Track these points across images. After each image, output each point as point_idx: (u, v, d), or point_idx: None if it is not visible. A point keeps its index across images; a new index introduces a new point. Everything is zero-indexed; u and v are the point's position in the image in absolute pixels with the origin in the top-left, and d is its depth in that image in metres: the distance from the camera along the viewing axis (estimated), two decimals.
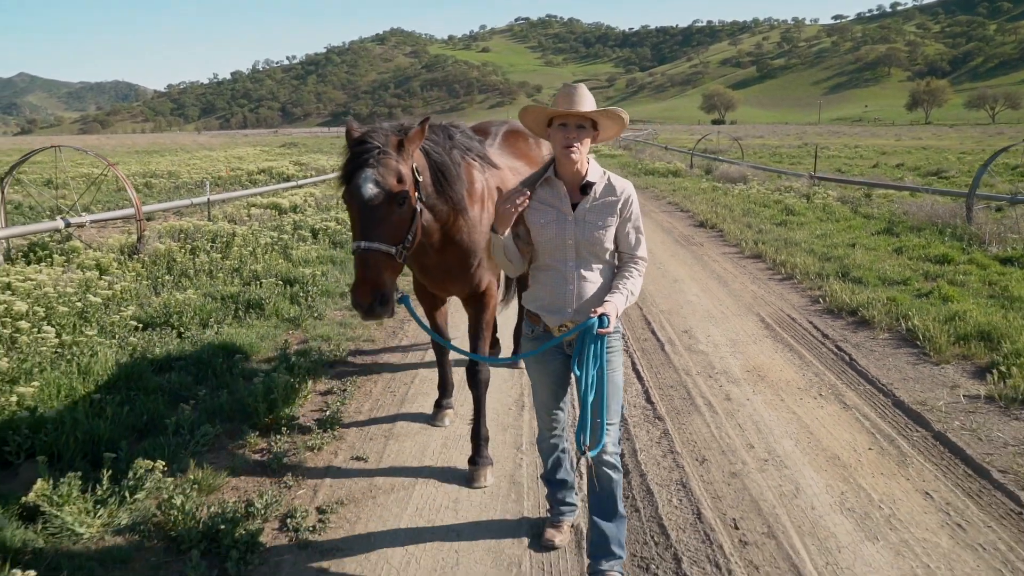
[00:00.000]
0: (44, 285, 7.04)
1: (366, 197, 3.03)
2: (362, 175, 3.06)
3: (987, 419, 4.82)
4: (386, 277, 3.06)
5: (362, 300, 3.01)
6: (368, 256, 3.03)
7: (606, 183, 2.99)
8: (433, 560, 3.36)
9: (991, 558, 3.33)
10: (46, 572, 3.12)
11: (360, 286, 3.02)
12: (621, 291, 2.91)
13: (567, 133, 2.86)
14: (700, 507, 3.79)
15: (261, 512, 3.69)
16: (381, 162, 3.09)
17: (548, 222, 2.95)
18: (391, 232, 3.10)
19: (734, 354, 6.23)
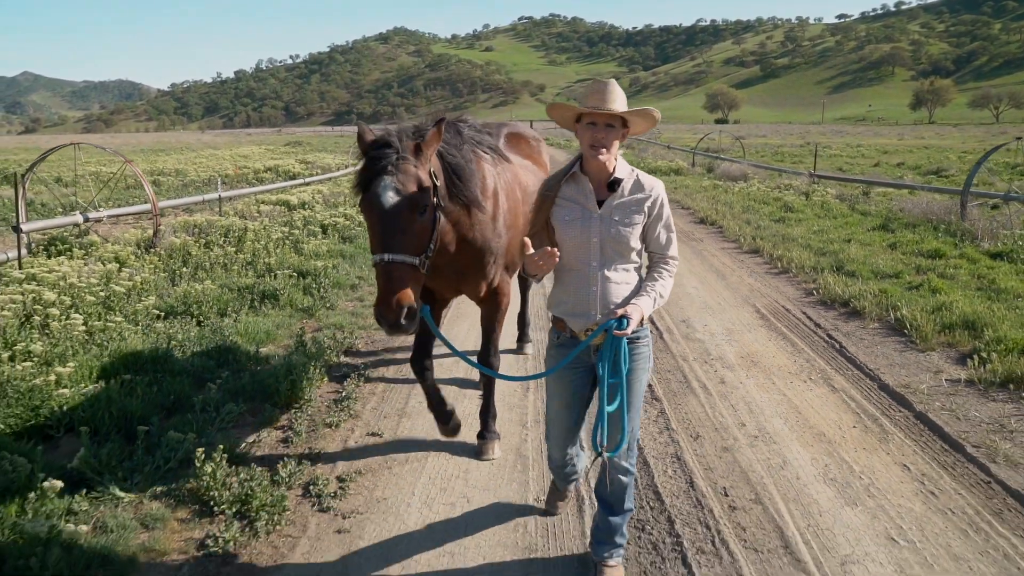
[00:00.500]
0: (69, 276, 7.35)
1: (387, 206, 2.92)
2: (381, 183, 2.95)
3: (966, 400, 5.10)
4: (411, 290, 2.94)
5: (389, 316, 2.88)
6: (392, 269, 2.91)
7: (635, 180, 2.90)
8: (445, 522, 3.65)
9: (959, 520, 3.62)
10: (93, 531, 3.42)
11: (385, 301, 2.88)
12: (649, 293, 2.83)
13: (595, 132, 2.76)
14: (693, 477, 4.08)
15: (285, 480, 3.98)
16: (400, 168, 2.98)
17: (573, 219, 2.86)
18: (414, 242, 3.00)
19: (729, 342, 6.52)
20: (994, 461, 4.20)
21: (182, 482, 3.94)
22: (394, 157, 3.00)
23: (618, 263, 2.86)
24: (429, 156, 3.17)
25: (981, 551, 3.37)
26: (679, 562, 3.31)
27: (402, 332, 2.93)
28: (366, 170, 3.04)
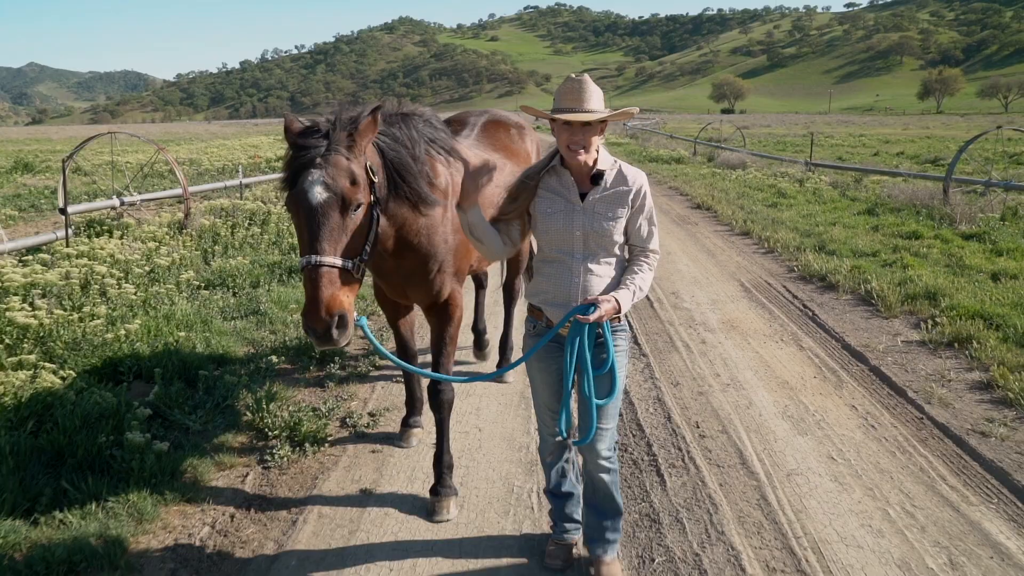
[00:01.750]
0: (115, 253, 8.10)
1: (315, 203, 2.63)
2: (308, 177, 2.66)
3: (916, 357, 5.81)
4: (343, 296, 2.66)
5: (316, 325, 2.60)
6: (321, 273, 2.62)
7: (617, 172, 2.83)
8: (462, 443, 4.38)
9: (889, 445, 4.33)
10: (172, 448, 4.16)
11: (313, 309, 2.60)
12: (628, 286, 2.77)
13: (572, 134, 2.68)
14: (671, 414, 4.81)
15: (325, 414, 4.72)
16: (330, 161, 2.70)
17: (555, 212, 2.81)
18: (346, 243, 2.71)
19: (713, 310, 7.22)
20: (929, 403, 4.91)
21: (239, 416, 4.68)
22: (323, 148, 2.72)
23: (601, 256, 2.82)
24: (364, 147, 2.86)
25: (903, 466, 4.08)
26: (654, 473, 4.04)
27: (333, 343, 2.63)
28: (292, 163, 2.75)
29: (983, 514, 3.61)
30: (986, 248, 9.20)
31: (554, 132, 2.76)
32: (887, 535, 3.43)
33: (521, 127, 5.20)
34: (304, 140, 2.76)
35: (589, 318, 2.63)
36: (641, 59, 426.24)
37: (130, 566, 3.21)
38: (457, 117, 5.12)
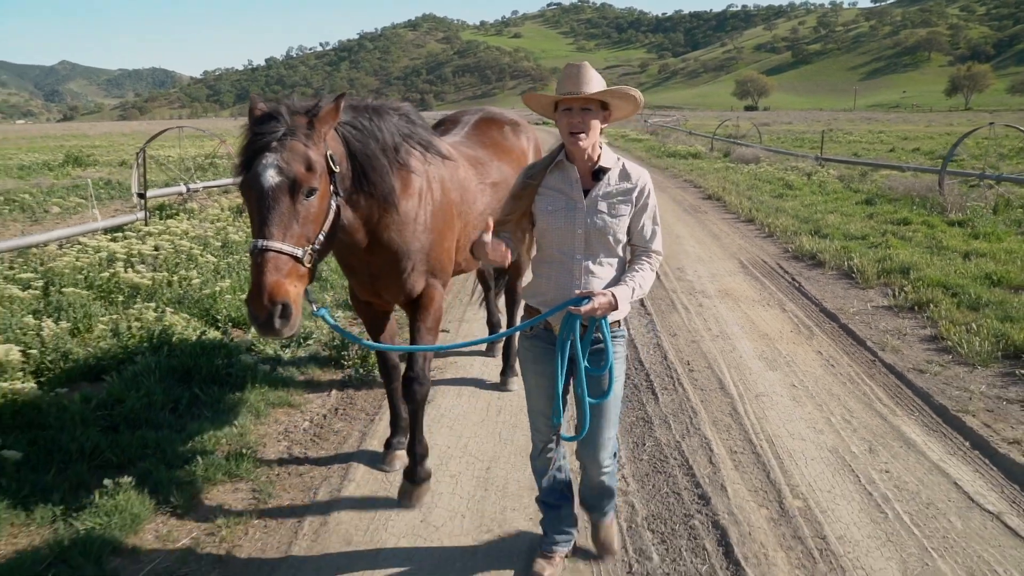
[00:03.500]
0: (189, 231, 9.34)
1: (266, 186, 2.58)
2: (262, 160, 2.61)
3: (881, 318, 6.83)
4: (288, 285, 2.56)
5: (257, 313, 2.52)
6: (267, 259, 2.53)
7: (620, 170, 2.78)
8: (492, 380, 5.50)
9: (842, 378, 5.38)
10: (270, 369, 5.33)
11: (255, 296, 2.52)
12: (627, 283, 2.67)
13: (571, 118, 2.63)
14: (667, 355, 5.89)
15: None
16: (286, 145, 2.65)
17: (556, 209, 2.74)
18: (297, 230, 2.63)
19: (712, 281, 8.27)
20: (883, 350, 5.93)
21: (318, 352, 5.84)
22: (280, 132, 2.67)
23: (603, 255, 2.75)
24: (324, 134, 2.82)
25: (850, 392, 5.13)
26: (650, 393, 5.13)
27: (275, 333, 2.54)
28: (248, 146, 2.70)
29: (903, 421, 4.65)
30: (966, 232, 10.14)
31: (558, 124, 2.71)
32: (826, 433, 4.49)
33: (516, 124, 5.10)
34: (261, 125, 2.71)
35: (581, 309, 2.55)
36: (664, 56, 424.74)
37: (256, 443, 4.37)
38: (452, 116, 5.12)
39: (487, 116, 5.05)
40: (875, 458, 4.17)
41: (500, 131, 4.91)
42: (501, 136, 4.87)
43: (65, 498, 3.64)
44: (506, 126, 4.99)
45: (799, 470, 4.04)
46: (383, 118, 3.29)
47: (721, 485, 3.88)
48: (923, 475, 3.98)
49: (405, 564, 3.23)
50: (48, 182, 21.01)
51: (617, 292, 2.61)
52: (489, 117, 5.04)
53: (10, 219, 14.16)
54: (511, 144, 4.87)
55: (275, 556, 3.30)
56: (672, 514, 3.63)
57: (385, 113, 3.34)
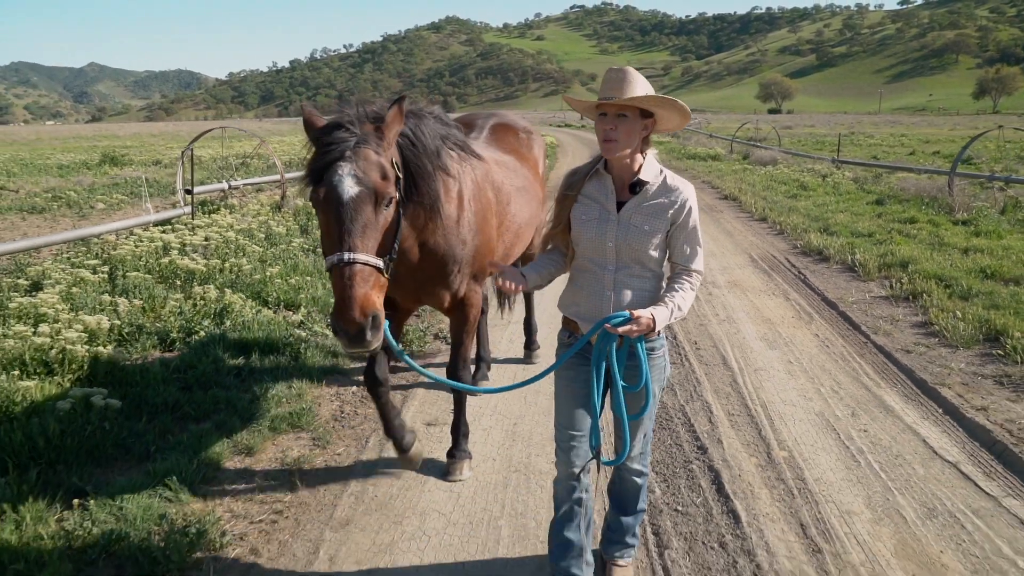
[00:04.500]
0: (233, 224, 10.06)
1: (346, 198, 2.56)
2: (339, 171, 2.59)
3: (877, 306, 7.34)
4: (376, 296, 2.58)
5: (349, 327, 2.50)
6: (355, 271, 2.52)
7: (661, 183, 2.67)
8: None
9: (835, 356, 5.92)
10: (320, 343, 5.98)
11: (347, 309, 2.50)
12: (667, 303, 2.58)
13: (605, 124, 2.55)
14: (676, 335, 6.46)
15: (423, 331, 6.49)
16: (360, 155, 2.64)
17: (590, 219, 2.68)
18: (377, 240, 2.63)
19: (722, 274, 8.82)
20: (875, 333, 6.46)
21: None
22: (352, 142, 2.66)
23: (636, 270, 2.66)
24: (392, 140, 2.83)
25: (840, 368, 5.67)
26: None
27: (366, 345, 2.53)
28: (319, 158, 2.68)
29: (886, 392, 5.19)
30: (969, 231, 10.59)
31: (596, 131, 2.65)
32: (814, 400, 5.05)
33: (529, 132, 5.13)
34: (330, 135, 2.70)
35: (618, 329, 2.48)
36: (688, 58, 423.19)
37: (312, 402, 5.02)
38: (463, 119, 5.06)
39: (502, 122, 5.07)
40: (856, 420, 4.72)
41: (516, 138, 4.96)
42: (518, 143, 4.93)
43: (155, 440, 4.30)
44: (520, 133, 5.05)
45: (787, 429, 4.60)
46: (424, 122, 3.27)
47: (718, 439, 4.46)
48: (896, 434, 4.53)
49: (446, 492, 3.85)
50: (88, 180, 21.97)
51: (656, 313, 2.53)
52: (504, 123, 5.06)
53: (59, 214, 15.05)
54: (526, 152, 4.92)
55: (336, 486, 3.93)
56: (674, 460, 4.22)
57: (424, 117, 3.32)
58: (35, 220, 14.25)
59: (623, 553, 3.07)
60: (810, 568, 3.21)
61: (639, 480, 2.97)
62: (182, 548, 3.17)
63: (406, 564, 3.26)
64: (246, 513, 3.65)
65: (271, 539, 3.45)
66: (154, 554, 3.13)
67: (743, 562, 3.26)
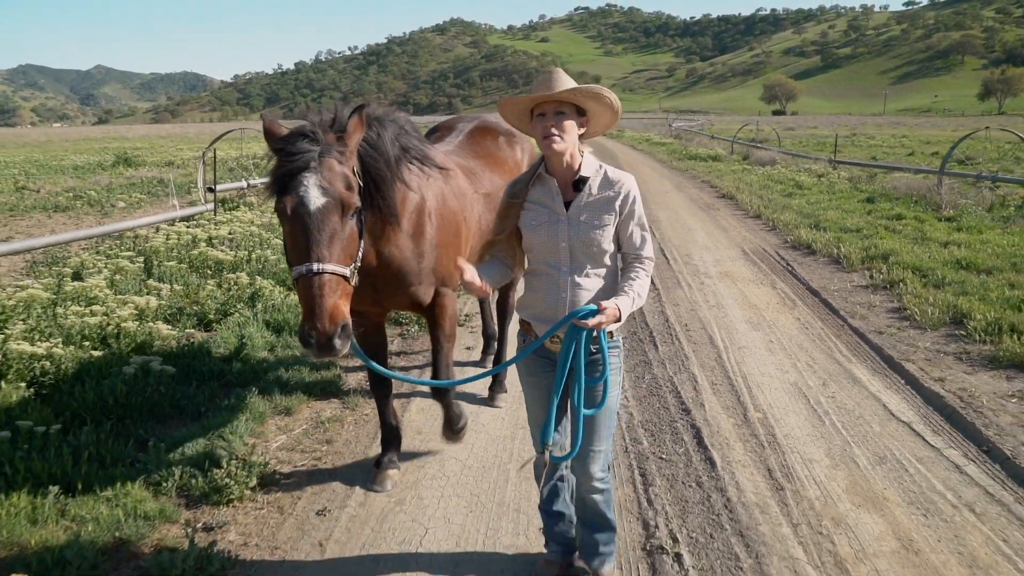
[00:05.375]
0: (254, 220, 10.67)
1: (313, 208, 2.58)
2: (304, 181, 2.60)
3: (857, 294, 7.91)
4: (343, 306, 2.60)
5: (319, 336, 2.53)
6: (324, 281, 2.56)
7: (603, 177, 2.74)
8: None
9: (813, 336, 6.49)
10: None
11: (317, 318, 2.53)
12: (627, 293, 2.63)
13: (545, 122, 2.62)
14: (668, 319, 7.04)
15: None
16: (325, 165, 2.65)
17: (540, 223, 2.72)
18: (343, 250, 2.66)
19: (715, 265, 9.40)
20: (852, 317, 7.02)
21: None
22: (316, 151, 2.67)
23: (589, 267, 2.72)
24: (353, 149, 2.83)
25: (817, 346, 6.24)
26: (651, 344, 6.30)
27: (334, 353, 2.57)
28: (283, 167, 2.68)
29: (855, 366, 5.76)
30: (951, 226, 11.13)
31: (534, 133, 2.73)
32: (790, 372, 5.62)
33: (511, 134, 5.05)
34: (293, 144, 2.69)
35: (588, 323, 2.52)
36: (692, 60, 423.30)
37: (342, 371, 5.61)
38: (447, 123, 5.11)
39: (482, 125, 5.02)
40: (826, 389, 5.29)
41: (495, 141, 4.91)
42: (495, 147, 4.87)
43: (205, 402, 4.90)
44: (500, 136, 4.97)
45: (763, 396, 5.18)
46: (386, 129, 3.26)
47: (701, 403, 5.04)
48: (860, 400, 5.09)
49: (461, 443, 4.43)
50: (105, 181, 22.64)
51: (620, 303, 2.58)
52: (484, 126, 5.00)
53: (83, 212, 15.70)
54: (505, 155, 4.85)
55: (366, 439, 4.52)
56: (660, 419, 4.80)
57: (386, 124, 3.30)
58: (60, 218, 14.89)
59: (602, 562, 3.09)
60: (772, 501, 3.78)
61: (598, 498, 2.93)
62: (240, 479, 3.76)
63: (429, 496, 3.85)
64: (290, 459, 4.25)
65: (313, 477, 4.05)
66: (217, 482, 3.72)
67: (716, 496, 3.84)
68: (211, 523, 3.55)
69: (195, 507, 3.70)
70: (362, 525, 3.59)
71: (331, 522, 3.62)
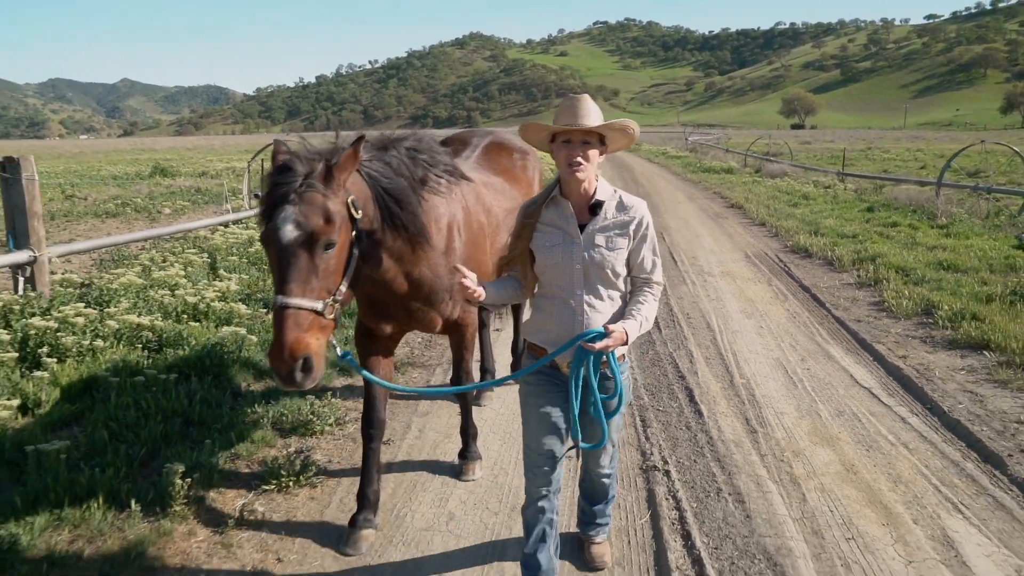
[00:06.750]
0: None
1: (284, 242, 2.58)
2: (281, 213, 2.61)
3: (845, 290, 8.79)
4: (311, 338, 2.58)
5: (279, 368, 2.54)
6: (286, 316, 2.55)
7: (617, 202, 2.79)
8: None
9: (799, 323, 7.40)
10: None
11: (277, 351, 2.53)
12: (635, 316, 2.70)
13: (571, 151, 2.65)
14: (672, 309, 7.97)
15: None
16: (305, 198, 2.64)
17: (554, 245, 2.75)
18: (317, 284, 2.63)
19: (718, 266, 10.32)
20: (836, 308, 7.91)
21: None
22: (298, 183, 2.67)
23: (603, 290, 2.75)
24: (343, 182, 2.78)
25: (801, 331, 7.15)
26: (655, 328, 7.23)
27: (297, 386, 2.57)
28: (267, 197, 2.71)
29: (832, 347, 6.66)
30: (941, 233, 11.97)
31: (554, 156, 2.75)
32: (775, 350, 6.53)
33: (524, 152, 5.09)
34: (279, 175, 2.71)
35: (595, 346, 2.57)
36: (711, 74, 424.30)
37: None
38: (459, 136, 5.14)
39: (497, 141, 5.03)
40: (803, 363, 6.20)
41: (509, 158, 4.94)
42: (511, 163, 4.90)
43: None
44: (515, 153, 5.01)
45: (749, 367, 6.10)
46: (407, 151, 3.31)
47: (695, 372, 5.98)
48: (831, 371, 6.00)
49: (490, 411, 5.38)
50: (145, 189, 23.95)
51: (627, 327, 2.63)
52: (499, 142, 5.02)
53: (132, 217, 16.92)
54: (519, 173, 4.89)
55: (406, 406, 5.50)
56: (659, 383, 5.74)
57: (404, 145, 3.34)
58: (113, 223, 16.10)
59: (597, 532, 3.33)
60: (746, 440, 4.71)
61: (607, 480, 3.21)
62: (321, 416, 4.76)
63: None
64: (356, 407, 5.24)
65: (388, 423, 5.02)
66: (303, 418, 4.73)
67: (700, 436, 4.77)
68: (301, 447, 4.54)
69: (287, 436, 4.70)
70: (419, 452, 4.57)
71: (394, 448, 4.61)
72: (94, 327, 5.91)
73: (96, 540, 3.47)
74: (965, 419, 4.89)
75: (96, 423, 4.51)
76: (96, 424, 4.49)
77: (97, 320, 6.02)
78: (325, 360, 2.69)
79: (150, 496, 3.80)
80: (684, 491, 4.04)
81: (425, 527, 3.73)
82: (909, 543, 3.51)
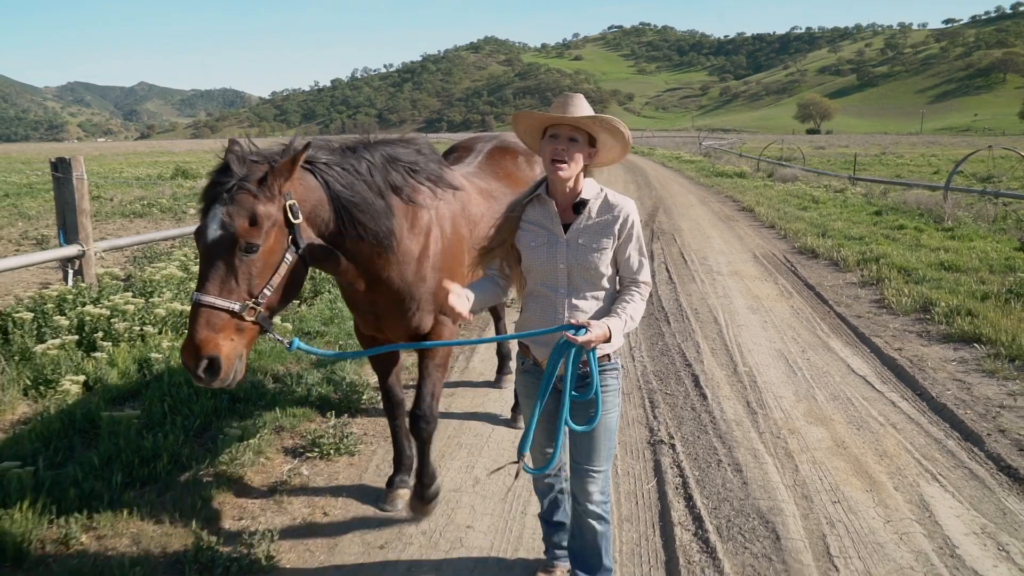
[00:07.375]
0: None
1: (207, 241, 2.60)
2: (209, 213, 2.64)
3: (848, 288, 9.16)
4: (222, 340, 2.56)
5: (186, 363, 2.56)
6: (199, 313, 2.55)
7: (603, 201, 2.75)
8: None
9: (802, 318, 7.78)
10: None
11: (185, 347, 2.56)
12: (619, 314, 2.64)
13: (556, 145, 2.62)
14: (681, 304, 8.37)
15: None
16: (234, 199, 2.63)
17: (539, 245, 2.73)
18: (236, 285, 2.62)
19: (727, 266, 10.70)
20: (838, 305, 8.28)
21: None
22: (229, 185, 2.65)
23: (587, 290, 2.74)
24: (278, 187, 2.74)
25: (804, 326, 7.52)
26: (666, 321, 7.64)
27: (204, 384, 2.58)
28: (204, 196, 2.74)
29: (832, 340, 7.04)
30: (946, 235, 12.29)
31: (542, 153, 2.72)
32: (777, 343, 6.92)
33: (531, 154, 4.96)
34: (220, 174, 2.72)
35: (577, 339, 2.50)
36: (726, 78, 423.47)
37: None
38: (466, 143, 5.14)
39: (501, 145, 5.00)
40: (804, 354, 6.58)
41: (514, 161, 4.87)
42: (515, 166, 4.82)
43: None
44: (520, 156, 4.94)
45: (752, 357, 6.49)
46: (383, 156, 3.26)
47: (701, 360, 6.38)
48: (830, 361, 6.38)
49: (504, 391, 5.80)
50: (168, 191, 24.56)
51: (611, 324, 2.58)
52: (503, 146, 4.98)
53: (159, 218, 17.50)
54: (524, 175, 4.79)
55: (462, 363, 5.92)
56: (667, 370, 6.15)
57: (387, 149, 3.32)
58: (140, 222, 16.68)
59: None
60: (746, 419, 5.11)
61: (596, 526, 2.88)
62: (360, 391, 5.22)
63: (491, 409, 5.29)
64: None
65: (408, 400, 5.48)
66: (344, 395, 5.18)
67: (704, 415, 5.18)
68: (339, 422, 4.99)
69: (325, 412, 5.15)
70: (447, 427, 5.01)
71: None
72: (142, 315, 6.40)
73: (164, 494, 3.94)
74: (951, 403, 5.27)
75: (153, 398, 4.98)
76: (153, 399, 4.97)
77: (144, 308, 6.51)
78: (243, 361, 2.69)
79: (207, 460, 4.26)
80: (688, 462, 4.45)
81: (454, 488, 4.16)
82: (889, 506, 3.90)
